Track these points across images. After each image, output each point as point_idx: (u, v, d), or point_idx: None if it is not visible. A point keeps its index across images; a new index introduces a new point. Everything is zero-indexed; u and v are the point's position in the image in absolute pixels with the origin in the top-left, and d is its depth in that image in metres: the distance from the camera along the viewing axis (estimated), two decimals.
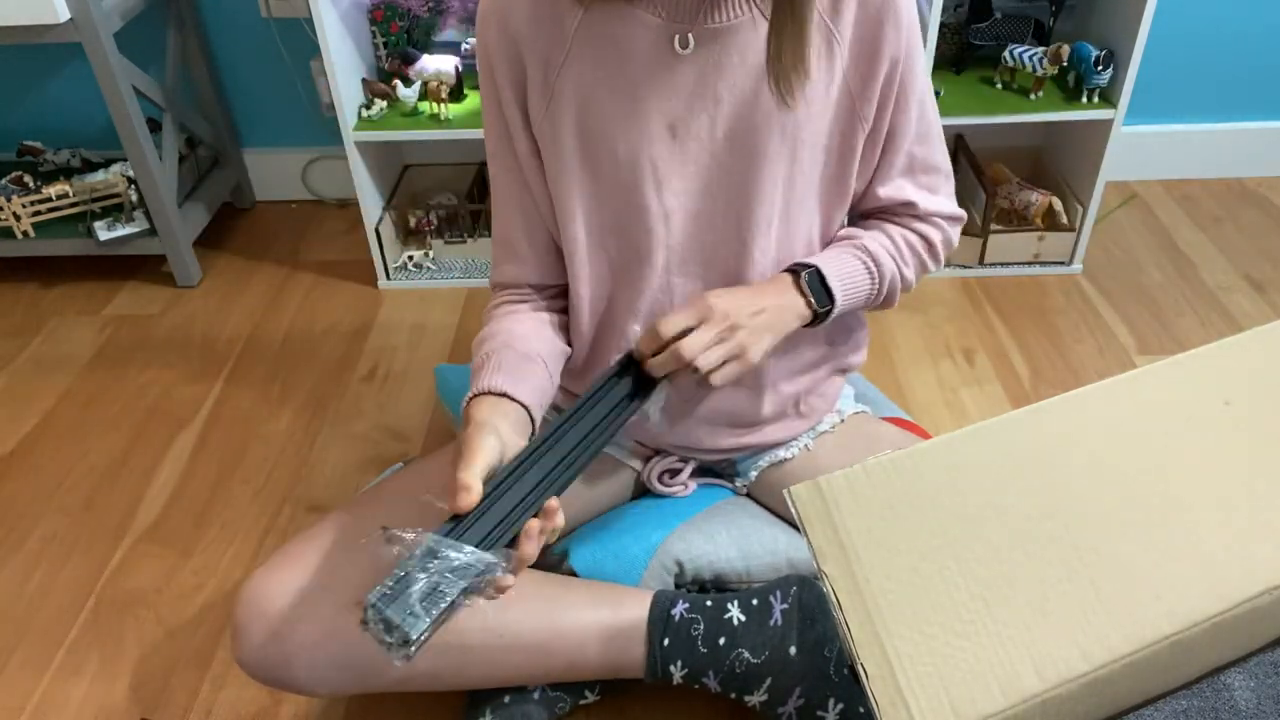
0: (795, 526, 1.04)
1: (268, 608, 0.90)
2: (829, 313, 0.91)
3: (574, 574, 1.02)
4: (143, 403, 1.57)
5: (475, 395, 0.86)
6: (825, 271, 0.90)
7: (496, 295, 1.00)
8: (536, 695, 1.00)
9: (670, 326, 0.83)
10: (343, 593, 0.91)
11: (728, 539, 1.03)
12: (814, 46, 0.83)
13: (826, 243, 0.97)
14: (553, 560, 1.06)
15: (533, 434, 0.88)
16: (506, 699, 0.99)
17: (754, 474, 1.08)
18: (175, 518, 1.35)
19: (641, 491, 1.13)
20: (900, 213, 0.97)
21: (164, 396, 1.59)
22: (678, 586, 1.03)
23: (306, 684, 0.91)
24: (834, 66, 0.85)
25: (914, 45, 0.87)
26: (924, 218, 0.97)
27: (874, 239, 0.95)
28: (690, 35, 0.82)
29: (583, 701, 1.04)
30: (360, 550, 0.94)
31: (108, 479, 1.42)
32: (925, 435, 1.16)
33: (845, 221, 0.99)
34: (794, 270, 0.91)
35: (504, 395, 0.86)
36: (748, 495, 1.10)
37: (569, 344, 0.99)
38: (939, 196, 0.97)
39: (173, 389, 1.60)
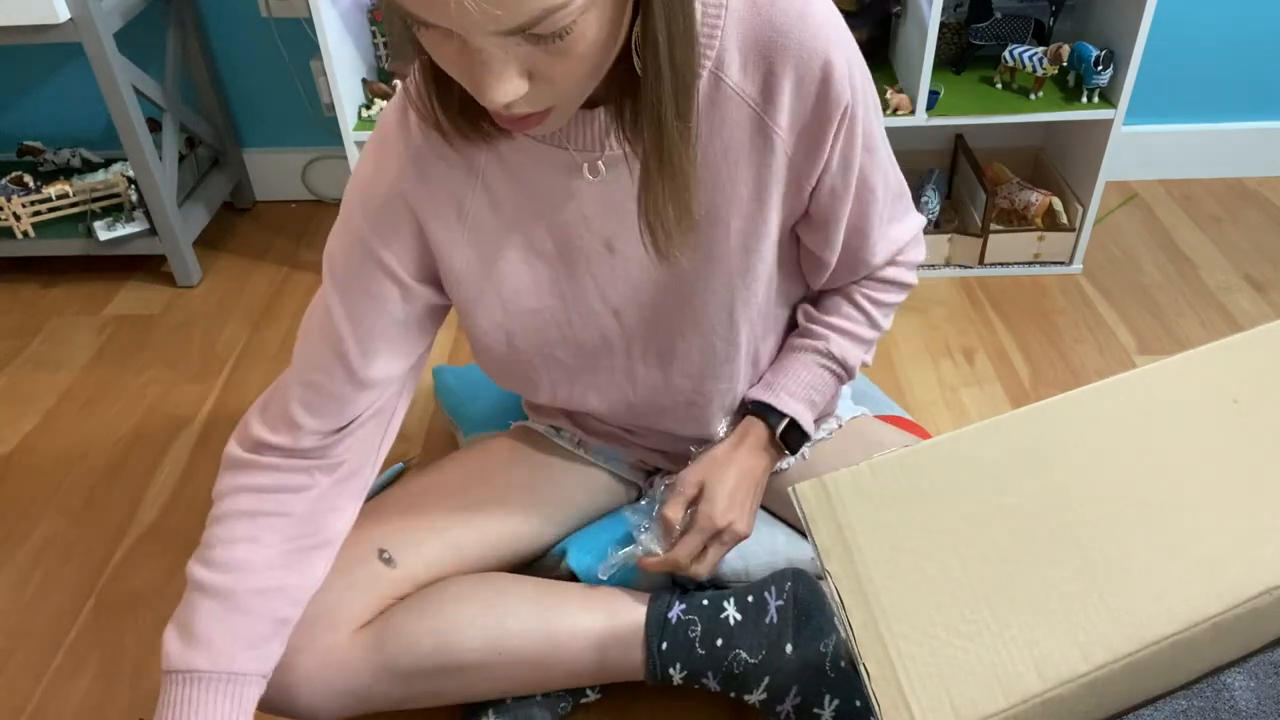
0: (795, 528, 1.06)
1: None
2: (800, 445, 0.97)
3: (572, 574, 1.02)
4: (143, 403, 1.57)
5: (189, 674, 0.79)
6: (801, 421, 0.94)
7: (245, 463, 0.85)
8: (539, 696, 1.00)
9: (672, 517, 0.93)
10: (340, 621, 0.91)
11: None
12: (743, 149, 0.78)
13: (793, 308, 0.97)
14: (551, 560, 1.06)
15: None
16: (508, 700, 0.99)
17: None
18: (175, 518, 1.35)
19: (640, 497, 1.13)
20: (879, 265, 0.94)
21: (164, 396, 1.59)
22: (675, 585, 1.03)
23: (309, 711, 0.90)
24: (773, 160, 0.79)
25: (862, 101, 0.79)
26: (893, 260, 0.95)
27: (836, 331, 0.94)
28: (600, 163, 0.79)
29: (584, 700, 1.04)
30: (357, 574, 0.93)
31: (108, 479, 1.42)
32: (925, 435, 1.16)
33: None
34: (762, 413, 0.95)
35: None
36: None
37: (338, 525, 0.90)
38: (908, 224, 0.94)
39: (173, 389, 1.60)
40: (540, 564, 1.07)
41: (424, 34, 0.60)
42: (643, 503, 1.01)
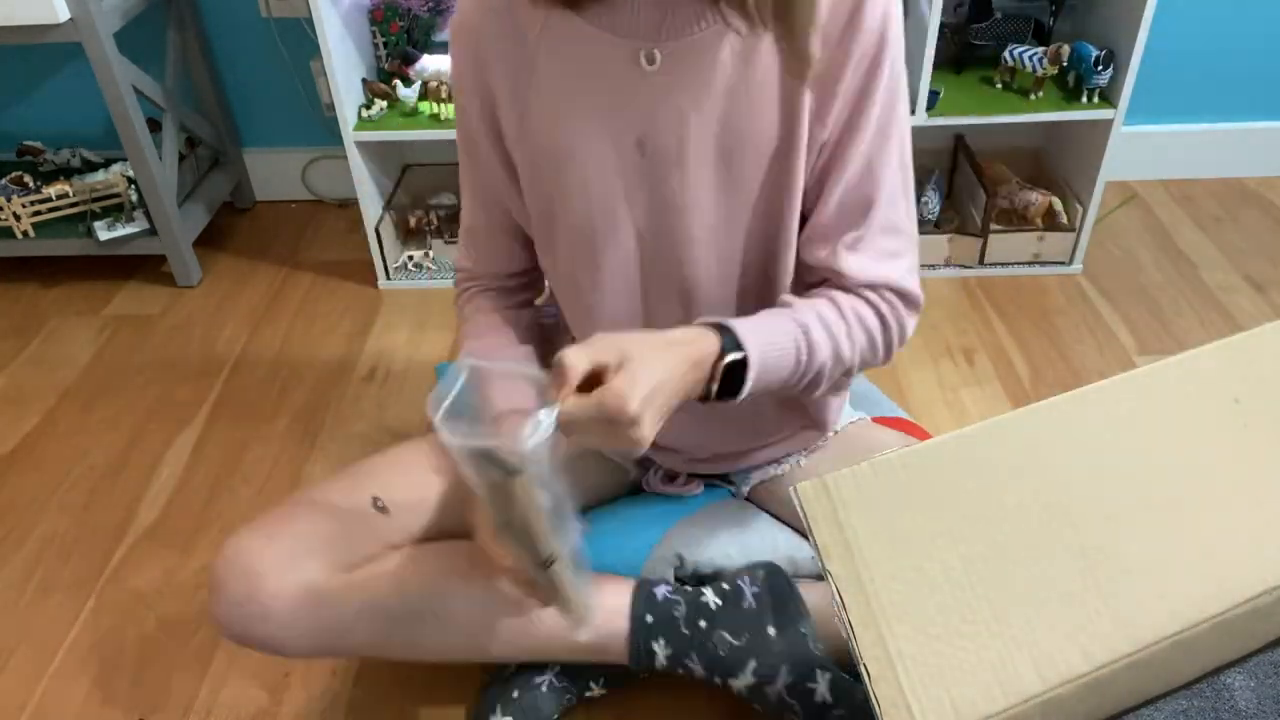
0: (796, 529, 1.06)
1: (249, 564, 0.90)
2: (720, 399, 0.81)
3: None
4: (143, 403, 1.57)
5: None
6: (750, 370, 0.79)
7: (463, 283, 1.04)
8: (544, 688, 1.01)
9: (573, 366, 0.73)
10: (326, 557, 0.93)
11: (728, 535, 1.04)
12: (771, 84, 0.79)
13: (778, 264, 0.90)
14: None
15: None
16: (515, 694, 1.00)
17: (748, 487, 1.08)
18: (175, 518, 1.35)
19: (640, 490, 1.13)
20: (854, 279, 0.86)
21: (164, 396, 1.59)
22: (677, 579, 1.03)
23: (281, 643, 0.92)
24: (799, 95, 0.80)
25: (886, 55, 0.79)
26: (877, 288, 0.87)
27: (816, 313, 0.84)
28: (657, 51, 0.80)
29: (588, 694, 1.04)
30: (347, 517, 0.95)
31: (108, 479, 1.42)
32: (925, 436, 1.16)
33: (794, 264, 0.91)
34: (718, 330, 0.79)
35: None
36: (747, 499, 1.11)
37: (532, 339, 1.02)
38: (900, 262, 0.87)
39: (173, 389, 1.60)
40: None
41: None
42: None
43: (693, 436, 1.02)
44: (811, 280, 0.89)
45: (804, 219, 0.88)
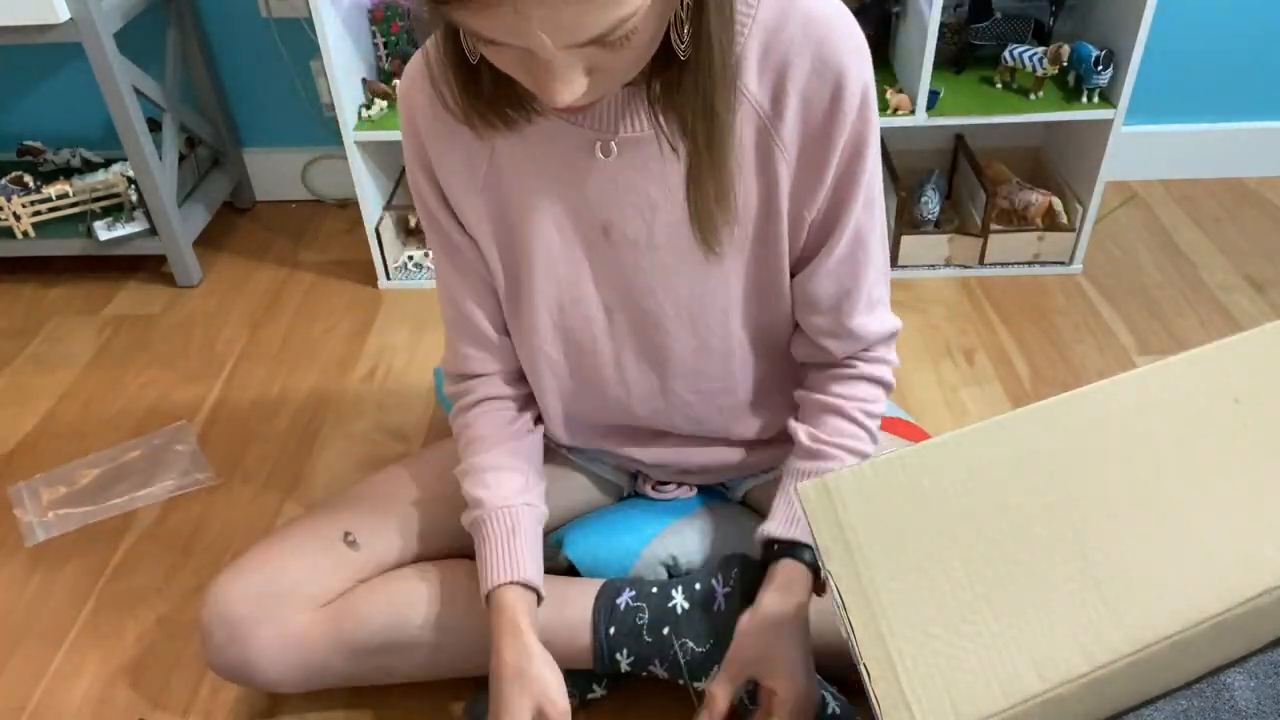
0: None
1: (228, 611, 0.94)
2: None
3: (569, 563, 1.03)
4: (143, 403, 1.57)
5: (505, 584, 0.88)
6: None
7: (462, 391, 0.98)
8: None
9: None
10: (299, 596, 0.95)
11: (722, 536, 1.04)
12: (748, 161, 0.79)
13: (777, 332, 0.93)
14: (547, 551, 1.06)
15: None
16: None
17: (741, 493, 1.08)
18: (175, 518, 1.35)
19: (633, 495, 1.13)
20: (864, 340, 0.90)
21: (164, 396, 1.59)
22: (671, 578, 1.03)
23: (267, 683, 0.96)
24: (779, 173, 0.79)
25: (867, 134, 0.79)
26: (875, 347, 0.91)
27: (845, 450, 0.89)
28: (613, 144, 0.79)
29: (591, 695, 1.04)
30: (321, 555, 0.97)
31: None
32: (924, 436, 1.16)
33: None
34: (794, 554, 0.87)
35: (528, 586, 0.90)
36: (741, 503, 1.11)
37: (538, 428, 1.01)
38: (887, 305, 0.91)
39: (173, 389, 1.60)
40: None
41: (488, 48, 0.62)
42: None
43: (682, 455, 1.02)
44: (813, 339, 0.91)
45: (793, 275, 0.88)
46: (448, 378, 1.00)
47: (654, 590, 0.97)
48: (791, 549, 0.87)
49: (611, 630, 0.95)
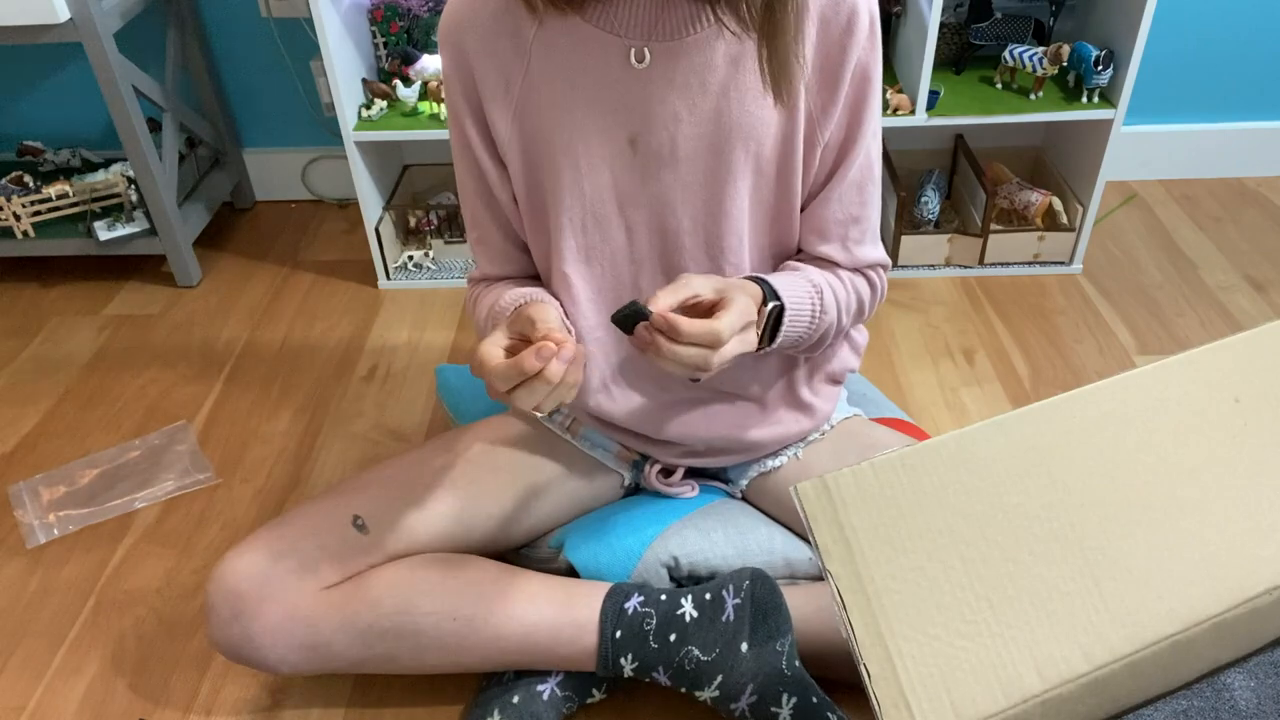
0: (792, 529, 1.06)
1: (236, 587, 0.94)
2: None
3: (570, 566, 1.02)
4: (143, 403, 1.57)
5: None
6: (786, 315, 0.85)
7: (476, 284, 1.04)
8: (545, 695, 1.00)
9: (692, 289, 0.78)
10: (308, 575, 0.95)
11: (724, 536, 1.04)
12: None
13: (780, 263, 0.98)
14: (549, 553, 1.06)
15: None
16: (515, 699, 0.99)
17: (745, 482, 1.08)
18: (175, 518, 1.35)
19: (634, 492, 1.13)
20: (860, 265, 0.96)
21: (164, 396, 1.59)
22: (673, 580, 1.03)
23: (269, 662, 0.95)
24: (797, 96, 0.85)
25: (875, 61, 0.86)
26: (874, 267, 0.97)
27: (824, 279, 0.91)
28: (646, 50, 0.83)
29: (589, 700, 1.04)
30: (329, 536, 0.97)
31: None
32: (924, 436, 1.16)
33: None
34: (759, 285, 0.85)
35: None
36: (743, 499, 1.11)
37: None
38: (879, 240, 0.97)
39: (173, 389, 1.60)
40: (537, 556, 1.07)
41: None
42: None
43: (689, 424, 1.02)
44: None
45: (801, 208, 0.93)
46: (470, 281, 1.05)
47: (663, 597, 0.97)
48: (759, 282, 0.85)
49: (618, 634, 0.95)
